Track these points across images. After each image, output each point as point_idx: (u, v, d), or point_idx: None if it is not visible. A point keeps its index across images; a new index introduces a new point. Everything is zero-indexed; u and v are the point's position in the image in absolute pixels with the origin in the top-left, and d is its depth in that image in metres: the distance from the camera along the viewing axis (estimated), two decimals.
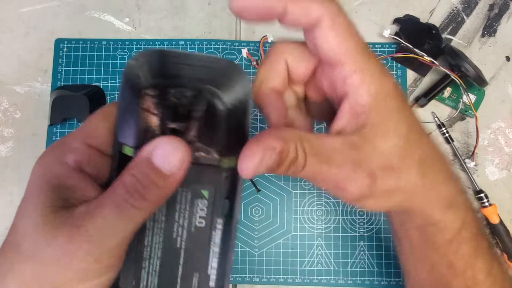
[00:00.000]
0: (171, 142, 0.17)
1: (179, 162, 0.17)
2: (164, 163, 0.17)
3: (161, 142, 0.17)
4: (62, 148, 0.19)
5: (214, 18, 0.46)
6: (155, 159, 0.17)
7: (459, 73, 0.41)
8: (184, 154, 0.17)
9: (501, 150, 0.43)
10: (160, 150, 0.17)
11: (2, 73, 0.45)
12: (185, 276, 0.20)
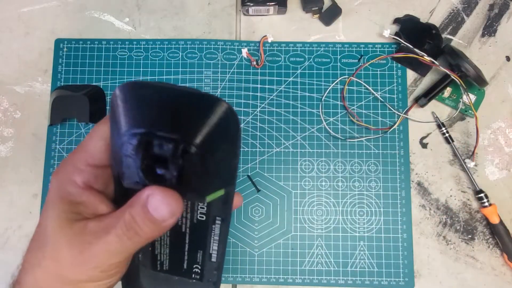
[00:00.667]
0: (163, 195, 0.19)
1: (170, 213, 0.19)
2: (157, 211, 0.19)
3: (154, 192, 0.19)
4: (71, 168, 0.21)
5: (214, 18, 0.46)
6: (149, 206, 0.19)
7: (459, 73, 0.41)
8: (175, 206, 0.19)
9: (501, 150, 0.43)
10: (153, 200, 0.19)
11: (2, 73, 0.45)
12: (191, 251, 0.24)
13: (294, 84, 0.44)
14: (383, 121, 0.43)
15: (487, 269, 0.41)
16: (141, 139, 0.18)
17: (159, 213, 0.19)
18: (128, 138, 0.18)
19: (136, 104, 0.18)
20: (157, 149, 0.18)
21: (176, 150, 0.18)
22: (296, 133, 0.43)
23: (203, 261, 0.25)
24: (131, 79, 0.44)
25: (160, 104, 0.19)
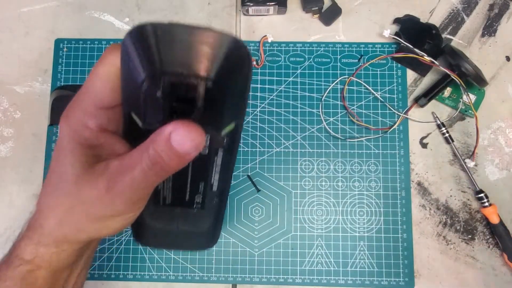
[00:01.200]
0: (189, 129, 0.19)
1: (194, 147, 0.20)
2: (181, 145, 0.19)
3: (179, 127, 0.19)
4: (81, 113, 0.21)
5: (214, 18, 0.46)
6: (173, 141, 0.19)
7: (459, 73, 0.41)
8: (199, 140, 0.19)
9: (501, 150, 0.43)
10: (177, 135, 0.19)
11: (2, 73, 0.45)
12: (193, 182, 0.25)
13: (294, 84, 0.44)
14: (383, 121, 0.43)
15: (487, 269, 0.41)
16: (164, 79, 0.18)
17: (183, 147, 0.19)
18: (151, 79, 0.18)
19: (155, 44, 0.18)
20: (180, 87, 0.19)
21: (198, 87, 0.19)
22: (296, 133, 0.43)
23: (204, 191, 0.26)
24: None
25: (177, 43, 0.19)
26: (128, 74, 0.20)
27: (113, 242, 0.42)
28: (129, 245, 0.42)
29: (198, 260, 0.41)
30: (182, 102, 0.19)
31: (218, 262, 0.41)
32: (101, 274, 0.41)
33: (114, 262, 0.41)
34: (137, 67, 0.19)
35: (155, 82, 0.18)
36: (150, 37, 0.18)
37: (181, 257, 0.42)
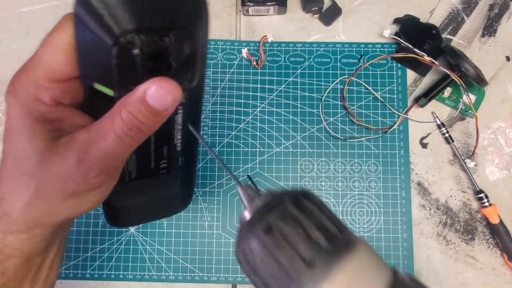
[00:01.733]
0: (165, 84, 0.18)
1: (173, 101, 0.19)
2: (159, 102, 0.19)
3: (155, 83, 0.18)
4: (32, 86, 0.19)
5: (214, 18, 0.46)
6: (150, 99, 0.18)
7: (459, 73, 0.41)
8: (177, 94, 0.19)
9: (501, 150, 0.43)
10: (155, 92, 0.18)
11: (2, 73, 0.45)
12: (157, 147, 0.24)
13: (294, 84, 0.44)
14: (383, 121, 0.43)
15: (487, 269, 0.41)
16: (138, 38, 0.18)
17: (162, 102, 0.19)
18: (122, 41, 0.17)
19: (113, 5, 0.17)
20: (154, 43, 0.18)
21: (174, 40, 0.18)
22: (296, 133, 0.43)
23: (168, 154, 0.25)
24: None
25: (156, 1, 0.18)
26: (88, 42, 0.18)
27: (113, 242, 0.42)
28: (129, 245, 0.42)
29: (198, 260, 0.41)
30: (158, 59, 0.19)
31: (218, 262, 0.41)
32: (101, 274, 0.41)
33: (114, 262, 0.41)
34: (101, 31, 0.17)
35: (127, 43, 0.17)
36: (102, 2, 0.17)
37: (181, 257, 0.42)
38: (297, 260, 0.15)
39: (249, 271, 0.17)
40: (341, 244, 0.16)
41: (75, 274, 0.41)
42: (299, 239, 0.15)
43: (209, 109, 0.44)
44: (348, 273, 0.15)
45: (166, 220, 0.42)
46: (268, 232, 0.16)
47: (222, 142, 0.43)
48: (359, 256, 0.15)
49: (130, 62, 0.18)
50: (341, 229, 0.16)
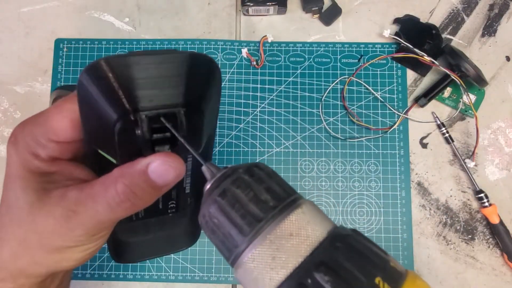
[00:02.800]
0: (169, 160, 0.19)
1: (175, 177, 0.19)
2: (161, 177, 0.19)
3: (159, 158, 0.18)
4: (32, 141, 0.20)
5: (214, 18, 0.46)
6: (152, 174, 0.19)
7: (459, 73, 0.41)
8: (181, 169, 0.19)
9: (501, 150, 0.43)
10: (158, 167, 0.18)
11: (2, 73, 0.45)
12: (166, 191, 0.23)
13: (294, 84, 0.44)
14: (383, 121, 0.43)
15: (487, 269, 0.41)
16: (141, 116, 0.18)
17: (164, 178, 0.19)
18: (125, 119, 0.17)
19: (119, 81, 0.17)
20: (157, 119, 0.18)
21: (178, 116, 0.18)
22: (296, 133, 0.43)
23: (177, 196, 0.25)
24: None
25: (142, 75, 0.18)
26: (93, 116, 0.18)
27: None
28: None
29: (198, 260, 0.41)
30: (161, 133, 0.19)
31: (218, 262, 0.41)
32: (101, 274, 0.41)
33: (114, 262, 0.41)
34: (105, 108, 0.17)
35: (130, 121, 0.17)
36: (111, 75, 0.17)
37: (181, 257, 0.42)
38: (248, 216, 0.17)
39: (209, 233, 0.18)
40: (287, 203, 0.18)
41: (75, 274, 0.41)
42: (249, 199, 0.17)
43: None
44: (292, 224, 0.17)
45: None
46: (222, 195, 0.18)
47: (222, 142, 0.43)
48: (303, 212, 0.17)
49: (133, 139, 0.18)
50: (289, 192, 0.18)
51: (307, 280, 0.15)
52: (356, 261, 0.16)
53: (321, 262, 0.16)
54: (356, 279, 0.15)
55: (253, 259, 0.17)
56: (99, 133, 0.19)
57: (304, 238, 0.17)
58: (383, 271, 0.16)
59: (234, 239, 0.17)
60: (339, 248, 0.16)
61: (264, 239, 0.17)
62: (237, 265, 0.17)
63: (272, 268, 0.16)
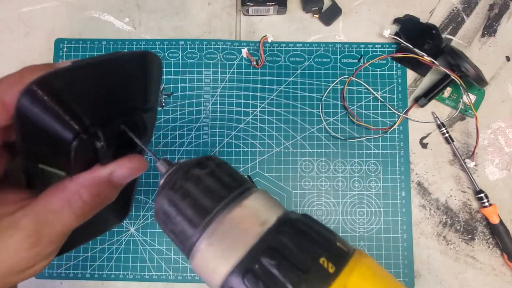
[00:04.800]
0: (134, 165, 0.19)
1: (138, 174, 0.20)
2: (125, 179, 0.19)
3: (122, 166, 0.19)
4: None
5: (214, 18, 0.46)
6: (116, 178, 0.19)
7: (459, 73, 0.41)
8: (144, 168, 0.20)
9: (501, 150, 0.43)
10: (122, 172, 0.19)
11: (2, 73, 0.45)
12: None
13: (294, 84, 0.44)
14: (383, 121, 0.43)
15: (487, 269, 0.41)
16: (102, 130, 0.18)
17: (127, 179, 0.19)
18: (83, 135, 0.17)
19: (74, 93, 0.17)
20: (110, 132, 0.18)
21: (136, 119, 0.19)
22: (296, 133, 0.43)
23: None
24: None
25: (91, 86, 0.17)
26: (39, 137, 0.17)
27: (113, 242, 0.42)
28: (129, 245, 0.42)
29: None
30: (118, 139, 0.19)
31: None
32: (101, 274, 0.41)
33: (114, 262, 0.41)
34: (56, 128, 0.17)
35: (88, 135, 0.17)
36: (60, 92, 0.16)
37: (181, 257, 0.42)
38: (198, 208, 0.17)
39: (163, 226, 0.19)
40: (237, 194, 0.18)
41: (75, 274, 0.41)
42: (199, 191, 0.18)
43: (209, 109, 0.44)
44: (241, 213, 0.17)
45: None
46: (174, 189, 0.18)
47: (222, 142, 0.43)
48: (252, 201, 0.18)
49: (91, 151, 0.18)
50: (240, 183, 0.19)
51: (255, 266, 0.16)
52: (302, 244, 0.16)
53: (267, 247, 0.16)
54: (301, 261, 0.16)
55: (204, 249, 0.17)
56: (47, 151, 0.18)
57: (252, 226, 0.17)
58: (328, 251, 0.16)
59: (186, 231, 0.18)
60: (285, 232, 0.17)
61: (214, 229, 0.17)
62: (191, 256, 0.18)
63: (222, 258, 0.17)
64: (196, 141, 0.43)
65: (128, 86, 0.19)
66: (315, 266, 0.16)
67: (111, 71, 0.18)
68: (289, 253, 0.16)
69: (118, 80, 0.18)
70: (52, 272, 0.42)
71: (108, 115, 0.18)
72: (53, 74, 0.16)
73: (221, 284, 0.17)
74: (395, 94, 0.44)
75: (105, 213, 0.30)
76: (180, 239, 0.18)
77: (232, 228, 0.17)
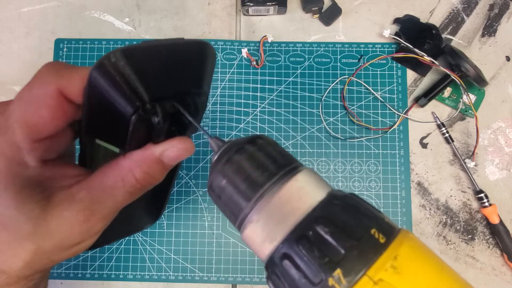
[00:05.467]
0: (183, 146, 0.20)
1: (187, 155, 0.20)
2: (174, 160, 0.20)
3: (174, 146, 0.20)
4: (12, 149, 0.18)
5: (214, 18, 0.46)
6: (166, 159, 0.20)
7: (459, 73, 0.41)
8: (192, 150, 0.20)
9: (501, 150, 0.43)
10: (172, 152, 0.20)
11: (2, 73, 0.45)
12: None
13: (294, 84, 0.44)
14: (383, 121, 0.43)
15: (487, 269, 0.41)
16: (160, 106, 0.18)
17: (177, 160, 0.20)
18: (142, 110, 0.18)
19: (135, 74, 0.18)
20: (168, 110, 0.19)
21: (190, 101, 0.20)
22: (296, 133, 0.43)
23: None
24: None
25: (155, 64, 0.18)
26: (103, 109, 0.19)
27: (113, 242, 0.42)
28: (129, 245, 0.42)
29: (198, 260, 0.41)
30: (173, 118, 0.20)
31: (218, 262, 0.41)
32: (101, 274, 0.41)
33: (114, 262, 0.41)
34: (119, 101, 0.18)
35: (146, 110, 0.18)
36: (127, 69, 0.17)
37: (181, 257, 0.42)
38: (251, 182, 0.18)
39: (215, 199, 0.20)
40: (288, 170, 0.19)
41: (75, 274, 0.41)
42: (252, 166, 0.18)
43: (209, 109, 0.44)
44: (293, 187, 0.18)
45: (166, 220, 0.42)
46: (227, 164, 0.19)
47: None
48: (302, 176, 0.18)
49: (147, 127, 0.19)
50: (290, 160, 0.19)
51: (309, 232, 0.16)
52: (353, 215, 0.17)
53: (321, 216, 0.17)
54: (354, 230, 0.16)
55: (258, 220, 0.18)
56: (107, 124, 0.19)
57: (304, 199, 0.18)
58: (377, 224, 0.17)
59: (239, 204, 0.18)
60: (337, 205, 0.17)
61: (267, 202, 0.18)
62: (243, 227, 0.19)
63: (276, 226, 0.17)
64: (196, 141, 0.43)
65: (186, 69, 0.20)
66: (367, 236, 0.16)
67: (173, 54, 0.19)
68: (341, 223, 0.16)
69: (178, 62, 0.19)
70: (52, 272, 0.42)
71: (166, 94, 0.19)
72: (122, 51, 0.17)
73: (272, 252, 0.17)
74: (395, 94, 0.44)
75: (141, 212, 0.31)
76: (233, 211, 0.19)
77: (285, 201, 0.18)
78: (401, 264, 0.16)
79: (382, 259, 0.16)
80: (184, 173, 0.43)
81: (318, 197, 0.18)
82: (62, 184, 0.20)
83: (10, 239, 0.19)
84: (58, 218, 0.19)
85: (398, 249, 0.16)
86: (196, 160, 0.43)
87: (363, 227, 0.17)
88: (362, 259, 0.16)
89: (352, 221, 0.17)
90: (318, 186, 0.18)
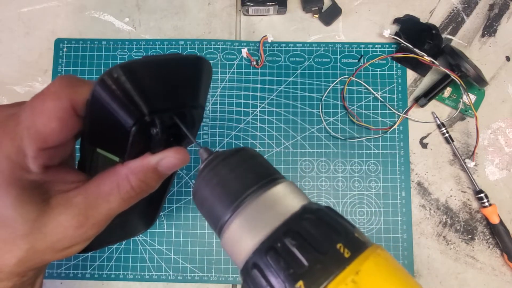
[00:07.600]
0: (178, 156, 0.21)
1: (182, 165, 0.21)
2: (170, 169, 0.21)
3: (169, 156, 0.21)
4: (18, 155, 0.19)
5: (214, 18, 0.46)
6: (161, 168, 0.21)
7: (459, 73, 0.41)
8: (187, 159, 0.21)
9: (501, 150, 0.43)
10: (168, 162, 0.20)
11: (2, 73, 0.45)
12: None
13: (294, 84, 0.44)
14: (383, 121, 0.43)
15: (487, 269, 0.41)
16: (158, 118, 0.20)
17: (172, 169, 0.21)
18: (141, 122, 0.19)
19: (135, 88, 0.19)
20: (166, 123, 0.20)
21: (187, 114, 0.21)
22: (296, 133, 0.43)
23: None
24: None
25: (154, 79, 0.20)
26: (104, 121, 0.20)
27: None
28: (129, 245, 0.42)
29: (198, 260, 0.41)
30: (170, 130, 0.21)
31: (218, 262, 0.41)
32: (101, 274, 0.41)
33: (114, 262, 0.41)
34: (120, 113, 0.19)
35: (146, 123, 0.19)
36: (128, 84, 0.18)
37: (181, 257, 0.42)
38: (231, 191, 0.19)
39: (199, 206, 0.21)
40: (267, 181, 0.20)
41: (75, 274, 0.41)
42: (233, 177, 0.20)
43: (209, 109, 0.44)
44: (269, 199, 0.19)
45: (166, 220, 0.42)
46: (211, 174, 0.20)
47: (222, 142, 0.43)
48: (280, 189, 0.20)
49: (146, 138, 0.20)
50: (270, 172, 0.21)
51: (277, 244, 0.17)
52: (322, 230, 0.18)
53: (290, 229, 0.18)
54: (320, 244, 0.17)
55: (234, 228, 0.19)
56: (108, 135, 0.21)
57: (278, 211, 0.19)
58: (345, 239, 0.18)
59: (218, 212, 0.20)
60: (308, 219, 0.18)
61: (243, 211, 0.19)
62: (222, 234, 0.20)
63: (249, 235, 0.18)
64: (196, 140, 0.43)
65: (183, 83, 0.21)
66: (332, 250, 0.17)
67: (171, 68, 0.20)
68: (309, 237, 0.17)
69: (175, 76, 0.20)
70: (52, 272, 0.42)
71: (164, 107, 0.20)
72: (123, 67, 0.18)
73: (246, 260, 0.18)
74: (395, 94, 0.44)
75: (135, 218, 0.32)
76: (213, 218, 0.20)
77: (259, 211, 0.19)
78: (362, 279, 0.16)
79: (344, 273, 0.16)
80: (184, 173, 0.43)
81: (292, 209, 0.19)
82: (61, 188, 0.21)
83: (6, 237, 0.20)
84: (54, 221, 0.20)
85: (362, 264, 0.17)
86: (196, 160, 0.43)
87: (329, 241, 0.17)
88: (325, 272, 0.16)
89: (320, 235, 0.17)
90: (294, 199, 0.19)
